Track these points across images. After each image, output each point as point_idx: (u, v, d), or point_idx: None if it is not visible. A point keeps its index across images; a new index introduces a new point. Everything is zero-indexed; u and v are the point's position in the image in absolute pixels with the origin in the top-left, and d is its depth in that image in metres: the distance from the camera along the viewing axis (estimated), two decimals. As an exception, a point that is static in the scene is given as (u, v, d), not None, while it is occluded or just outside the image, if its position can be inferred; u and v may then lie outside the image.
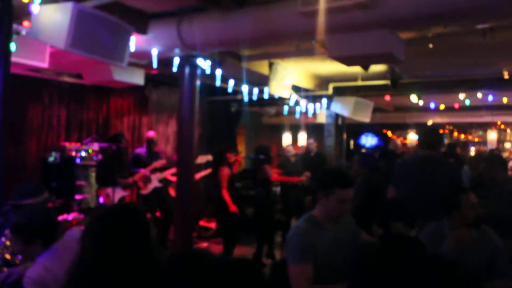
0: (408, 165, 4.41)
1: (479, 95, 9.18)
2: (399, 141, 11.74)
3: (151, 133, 7.47)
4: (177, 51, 5.38)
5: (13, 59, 3.87)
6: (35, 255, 2.59)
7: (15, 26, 4.08)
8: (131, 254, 1.80)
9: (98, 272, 1.77)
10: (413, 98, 8.90)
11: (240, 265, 1.31)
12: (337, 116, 9.59)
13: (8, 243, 3.22)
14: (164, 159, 7.41)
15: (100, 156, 7.27)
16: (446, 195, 3.22)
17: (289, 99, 8.21)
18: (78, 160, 7.10)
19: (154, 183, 7.09)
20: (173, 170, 6.94)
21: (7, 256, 3.20)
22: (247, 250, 7.11)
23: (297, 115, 9.83)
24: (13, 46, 3.85)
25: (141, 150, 7.36)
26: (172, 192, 7.30)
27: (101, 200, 6.59)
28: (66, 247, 2.55)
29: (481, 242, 3.09)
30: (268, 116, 13.67)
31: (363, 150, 11.99)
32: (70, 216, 6.14)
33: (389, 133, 16.09)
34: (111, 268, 1.76)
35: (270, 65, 7.00)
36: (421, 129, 4.66)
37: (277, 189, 8.11)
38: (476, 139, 17.20)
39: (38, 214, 2.69)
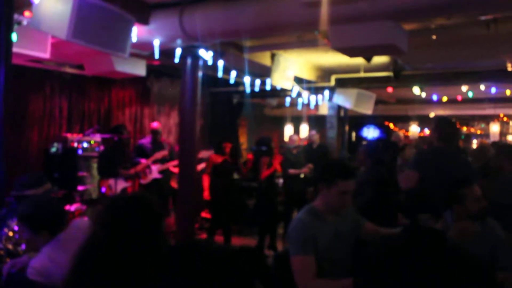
0: (422, 156, 4.36)
1: (482, 87, 9.15)
2: (401, 133, 11.71)
3: (155, 124, 7.43)
4: (179, 41, 5.36)
5: (15, 49, 3.86)
6: (41, 245, 2.59)
7: (16, 16, 4.06)
8: (140, 245, 1.79)
9: (105, 262, 1.76)
10: (416, 90, 8.87)
11: (243, 254, 1.30)
12: (339, 108, 9.57)
13: (11, 234, 3.23)
14: (168, 150, 7.38)
15: (102, 147, 7.27)
16: (450, 187, 3.21)
17: (291, 90, 8.19)
18: (80, 151, 7.09)
19: (154, 174, 7.07)
20: (175, 162, 6.93)
21: (10, 247, 3.20)
22: (249, 242, 7.14)
23: (299, 107, 9.80)
24: (14, 37, 3.83)
25: (145, 141, 7.35)
26: (174, 184, 7.30)
27: (103, 191, 6.59)
28: (71, 238, 2.56)
29: (484, 234, 3.08)
30: (270, 108, 13.65)
31: (365, 142, 11.97)
32: (73, 207, 6.15)
33: (391, 125, 16.07)
34: (118, 260, 1.76)
35: (272, 56, 6.98)
36: (435, 120, 4.52)
37: (279, 180, 8.12)
38: (479, 132, 17.15)
39: (45, 204, 2.70)
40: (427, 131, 15.72)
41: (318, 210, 2.82)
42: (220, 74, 6.38)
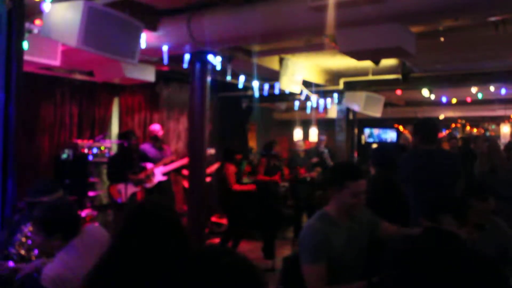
0: (413, 161, 4.17)
1: (492, 88, 9.10)
2: (409, 135, 11.67)
3: (155, 127, 7.18)
4: (187, 47, 5.39)
5: (26, 57, 3.92)
6: (54, 249, 2.60)
7: (27, 24, 4.12)
8: (161, 250, 1.82)
9: (126, 268, 1.79)
10: (425, 92, 8.84)
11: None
12: (348, 111, 9.56)
13: (23, 239, 3.26)
14: (169, 155, 7.26)
15: (111, 153, 7.30)
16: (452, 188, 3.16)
17: (300, 94, 8.20)
18: (90, 157, 7.14)
19: (158, 177, 7.02)
20: (178, 163, 6.94)
21: (23, 252, 3.23)
22: (257, 246, 7.11)
23: (308, 111, 9.80)
24: (25, 45, 3.89)
25: (146, 146, 7.17)
26: (185, 184, 7.25)
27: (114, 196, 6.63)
28: (85, 244, 2.58)
29: (493, 234, 3.06)
30: (279, 112, 13.65)
31: (375, 145, 11.94)
32: (84, 213, 6.19)
33: (401, 128, 16.01)
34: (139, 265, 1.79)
35: (281, 61, 7.00)
36: (415, 123, 4.34)
37: (286, 184, 8.13)
38: (490, 133, 17.02)
39: (61, 207, 2.70)
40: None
41: (330, 215, 2.76)
42: (228, 78, 6.41)
